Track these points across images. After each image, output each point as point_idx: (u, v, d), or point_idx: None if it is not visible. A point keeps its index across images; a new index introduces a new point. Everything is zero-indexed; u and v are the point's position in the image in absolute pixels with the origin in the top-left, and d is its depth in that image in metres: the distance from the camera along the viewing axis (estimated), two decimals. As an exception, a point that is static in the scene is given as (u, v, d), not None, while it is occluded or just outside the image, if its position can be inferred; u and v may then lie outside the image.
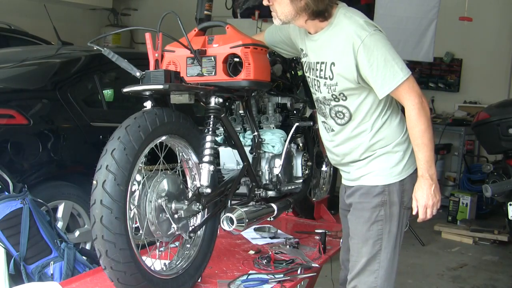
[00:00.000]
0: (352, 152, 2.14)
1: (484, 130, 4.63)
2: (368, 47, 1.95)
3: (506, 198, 3.90)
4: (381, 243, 2.10)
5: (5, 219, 2.52)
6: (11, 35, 5.91)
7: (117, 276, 1.79)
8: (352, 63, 1.98)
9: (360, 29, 1.97)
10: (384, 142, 2.09)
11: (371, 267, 2.11)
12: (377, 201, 2.09)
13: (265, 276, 2.22)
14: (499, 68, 6.62)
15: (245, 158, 2.36)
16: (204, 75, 2.21)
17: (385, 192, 2.09)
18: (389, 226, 2.10)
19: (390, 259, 2.11)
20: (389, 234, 2.10)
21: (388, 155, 2.10)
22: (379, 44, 1.96)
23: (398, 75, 1.95)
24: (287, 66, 2.81)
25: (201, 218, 2.16)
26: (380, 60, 1.95)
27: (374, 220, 2.10)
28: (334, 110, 2.12)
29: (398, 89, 1.97)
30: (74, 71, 3.63)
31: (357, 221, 2.15)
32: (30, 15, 7.66)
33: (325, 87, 2.09)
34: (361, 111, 2.08)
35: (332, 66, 2.04)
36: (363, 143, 2.11)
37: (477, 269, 4.65)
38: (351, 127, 2.11)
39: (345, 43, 1.98)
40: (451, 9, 5.74)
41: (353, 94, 2.06)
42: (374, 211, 2.10)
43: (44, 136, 3.30)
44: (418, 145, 2.00)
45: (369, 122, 2.09)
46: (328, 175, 3.31)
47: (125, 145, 1.78)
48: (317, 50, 2.11)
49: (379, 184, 2.10)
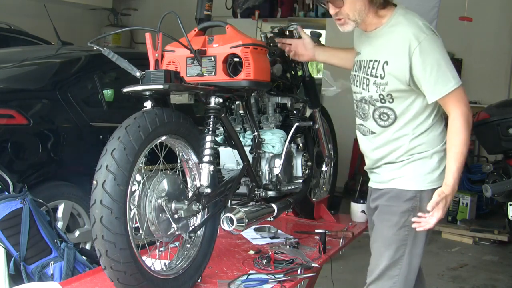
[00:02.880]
0: (390, 154, 2.12)
1: (484, 130, 4.63)
2: (425, 49, 1.94)
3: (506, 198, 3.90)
4: (405, 249, 2.08)
5: (5, 219, 2.52)
6: (11, 35, 5.91)
7: (117, 276, 1.79)
8: (406, 64, 1.97)
9: (419, 31, 1.97)
10: (423, 147, 2.08)
11: (392, 272, 2.09)
12: (407, 206, 2.07)
13: (265, 276, 2.21)
14: (499, 68, 6.62)
15: (245, 158, 2.36)
16: (204, 75, 2.21)
17: (417, 197, 2.07)
18: (414, 232, 2.06)
19: (411, 267, 2.10)
20: (414, 241, 2.08)
21: (425, 161, 2.08)
22: (435, 49, 1.96)
23: (450, 82, 1.95)
24: (287, 66, 2.81)
25: (201, 218, 2.16)
26: (434, 64, 1.94)
27: (402, 225, 2.08)
28: (378, 111, 2.10)
29: (448, 96, 1.97)
30: (74, 71, 3.63)
31: (383, 225, 2.13)
32: (30, 15, 7.65)
33: (374, 86, 2.08)
34: (407, 115, 2.07)
35: (385, 65, 2.03)
36: (402, 146, 2.09)
37: (477, 269, 4.65)
38: (393, 130, 2.09)
39: (402, 44, 1.97)
40: (451, 9, 5.73)
41: (400, 97, 2.04)
42: (403, 216, 2.08)
43: (44, 136, 3.31)
44: (454, 154, 1.98)
45: (412, 126, 2.07)
46: (328, 175, 3.30)
47: (125, 145, 1.78)
48: (371, 47, 2.10)
49: (411, 188, 2.07)
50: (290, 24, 2.85)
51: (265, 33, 2.88)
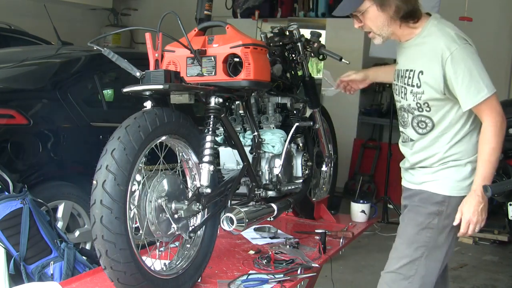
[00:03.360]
0: (426, 160, 2.15)
1: (484, 130, 4.62)
2: (456, 59, 1.98)
3: (506, 198, 3.90)
4: (424, 251, 2.11)
5: (5, 219, 2.52)
6: (11, 35, 5.92)
7: (117, 276, 1.79)
8: (440, 73, 2.01)
9: (450, 41, 2.00)
10: (459, 156, 2.10)
11: (408, 271, 2.11)
12: (434, 209, 2.10)
13: (265, 276, 2.21)
14: (499, 68, 6.61)
15: (245, 158, 2.36)
16: (204, 75, 2.21)
17: (445, 202, 2.09)
18: (437, 237, 2.10)
19: (428, 270, 2.11)
20: (435, 244, 2.11)
21: (458, 168, 2.10)
22: (466, 58, 1.98)
23: (483, 91, 1.98)
24: (287, 66, 2.81)
25: (201, 218, 2.15)
26: (466, 73, 1.97)
27: (425, 226, 2.11)
28: (416, 120, 2.13)
29: (480, 105, 2.00)
30: (74, 71, 3.63)
31: (408, 223, 2.17)
32: (30, 15, 7.66)
33: (411, 95, 2.11)
34: (444, 123, 2.09)
35: (420, 75, 2.06)
36: (438, 153, 2.12)
37: (477, 269, 4.65)
38: (431, 137, 2.13)
39: (435, 53, 2.01)
40: (451, 9, 5.73)
41: (437, 105, 2.07)
42: (428, 218, 2.11)
43: (44, 136, 3.31)
44: (483, 161, 2.02)
45: (450, 134, 2.10)
46: (328, 175, 3.30)
47: (125, 145, 1.78)
48: (406, 57, 2.15)
49: (441, 193, 2.11)
50: (290, 24, 2.85)
51: (265, 33, 2.89)
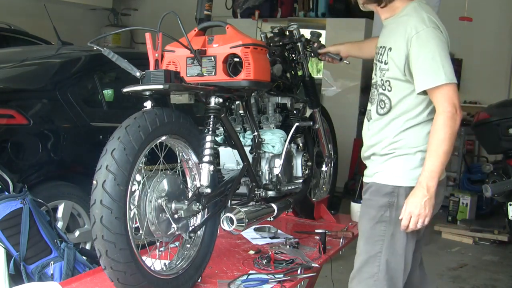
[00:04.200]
0: (377, 144, 2.12)
1: (484, 130, 4.63)
2: (422, 40, 1.96)
3: (506, 198, 3.90)
4: (382, 245, 2.05)
5: (5, 219, 2.52)
6: (11, 35, 5.92)
7: (117, 276, 1.79)
8: (404, 51, 2.00)
9: (420, 22, 1.99)
10: (408, 143, 2.05)
11: (371, 269, 2.07)
12: (384, 200, 2.06)
13: (265, 276, 2.21)
14: (499, 68, 6.62)
15: (245, 158, 2.36)
16: (204, 75, 2.21)
17: (394, 193, 2.04)
18: (392, 229, 2.04)
19: (391, 265, 2.05)
20: (391, 238, 2.05)
21: (407, 157, 2.05)
22: (432, 41, 1.96)
23: (440, 77, 1.93)
24: (287, 66, 2.81)
25: (201, 218, 2.16)
26: (428, 56, 1.95)
27: (378, 220, 2.06)
28: (379, 98, 2.12)
29: (435, 90, 1.94)
30: (74, 71, 3.63)
31: (364, 218, 2.14)
32: (30, 15, 7.66)
33: (379, 71, 2.12)
34: (400, 107, 2.05)
35: (389, 51, 2.07)
36: (388, 137, 2.08)
37: (477, 269, 4.65)
38: (386, 120, 2.09)
39: (404, 32, 2.00)
40: (451, 9, 5.73)
41: (397, 86, 2.05)
42: (379, 210, 2.06)
43: (44, 136, 3.30)
44: (430, 152, 1.96)
45: (402, 119, 2.05)
46: (328, 175, 3.30)
47: (125, 145, 1.78)
48: (383, 35, 2.17)
49: (390, 183, 2.06)
50: (290, 24, 2.85)
51: (265, 33, 2.89)
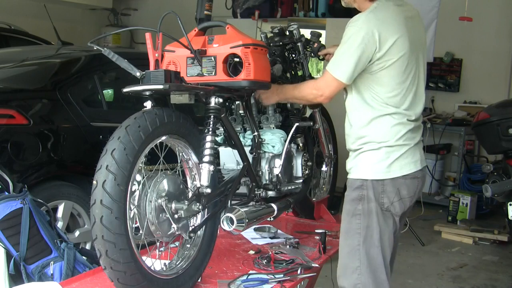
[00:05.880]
0: (347, 137, 2.24)
1: (484, 130, 4.63)
2: (345, 32, 2.12)
3: (506, 198, 3.90)
4: (359, 238, 2.15)
5: (5, 219, 2.52)
6: (11, 35, 5.92)
7: (117, 276, 1.79)
8: None
9: (355, 18, 2.12)
10: (371, 138, 2.15)
11: (353, 263, 2.15)
12: (355, 194, 2.16)
13: (265, 276, 2.22)
14: (499, 68, 6.61)
15: (245, 158, 2.36)
16: (204, 75, 2.21)
17: (363, 186, 2.15)
18: (367, 221, 2.14)
19: (370, 257, 2.14)
20: (367, 230, 2.14)
21: (372, 152, 2.15)
22: (347, 39, 2.09)
23: (336, 70, 2.11)
24: (287, 66, 2.81)
25: (201, 218, 2.16)
26: (340, 48, 2.12)
27: (352, 214, 2.17)
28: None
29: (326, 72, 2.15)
30: (74, 71, 3.63)
31: (343, 214, 2.23)
32: (30, 15, 7.66)
33: None
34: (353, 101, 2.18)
35: None
36: (352, 134, 2.20)
37: (477, 269, 4.65)
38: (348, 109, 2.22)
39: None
40: (451, 9, 5.74)
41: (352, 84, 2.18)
42: (353, 204, 2.17)
43: (44, 136, 3.30)
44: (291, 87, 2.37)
45: (357, 114, 2.17)
46: (328, 175, 3.31)
47: (125, 145, 1.78)
48: None
49: (359, 177, 2.17)
50: (290, 24, 2.85)
51: (265, 33, 2.89)
